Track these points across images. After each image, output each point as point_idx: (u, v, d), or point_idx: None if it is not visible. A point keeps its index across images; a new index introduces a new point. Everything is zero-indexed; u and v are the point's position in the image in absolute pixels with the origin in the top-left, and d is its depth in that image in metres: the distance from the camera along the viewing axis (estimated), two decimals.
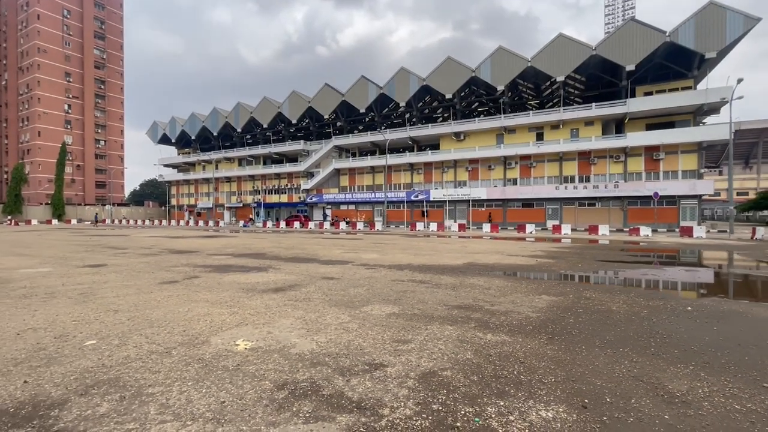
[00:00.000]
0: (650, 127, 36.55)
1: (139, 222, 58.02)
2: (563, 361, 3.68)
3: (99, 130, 78.09)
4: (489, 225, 31.80)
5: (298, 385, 3.13)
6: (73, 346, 3.98)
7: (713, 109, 34.16)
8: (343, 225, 39.14)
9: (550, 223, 38.69)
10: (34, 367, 3.44)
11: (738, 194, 71.57)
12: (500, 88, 39.72)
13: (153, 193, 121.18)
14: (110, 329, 4.58)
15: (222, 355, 3.77)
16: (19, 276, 8.47)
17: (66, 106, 72.79)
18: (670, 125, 35.76)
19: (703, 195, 34.28)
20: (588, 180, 38.01)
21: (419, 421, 2.58)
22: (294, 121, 53.89)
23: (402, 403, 2.83)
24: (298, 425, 2.53)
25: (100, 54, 77.92)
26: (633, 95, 36.90)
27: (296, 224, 40.56)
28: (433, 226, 33.73)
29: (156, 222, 57.71)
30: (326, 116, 50.87)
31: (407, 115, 55.26)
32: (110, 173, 78.16)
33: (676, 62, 34.88)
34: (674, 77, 36.03)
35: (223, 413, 2.67)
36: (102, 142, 78.95)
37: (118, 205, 72.14)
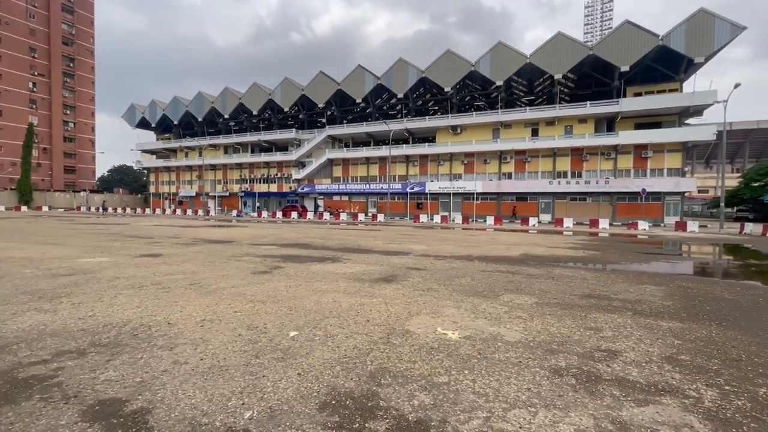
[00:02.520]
0: (639, 126, 38.30)
1: (119, 210, 55.05)
2: None
3: (68, 111, 72.90)
4: (493, 218, 32.45)
5: (571, 371, 3.20)
6: (281, 337, 3.85)
7: (697, 111, 36.21)
8: (343, 216, 38.76)
9: (543, 217, 39.98)
10: (281, 359, 3.33)
11: (699, 191, 76.51)
12: (499, 83, 40.33)
13: (122, 180, 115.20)
14: (288, 320, 4.45)
15: (447, 344, 3.77)
16: (88, 267, 7.95)
17: (31, 84, 67.36)
18: (657, 125, 37.62)
19: (686, 192, 36.46)
20: (580, 176, 39.47)
21: (739, 402, 2.73)
22: (286, 109, 52.50)
23: (698, 385, 2.97)
24: (641, 408, 2.61)
25: (69, 29, 72.37)
26: (624, 95, 38.44)
27: (294, 214, 39.81)
28: (437, 218, 34.10)
29: (139, 210, 54.96)
30: (320, 105, 49.88)
31: (398, 107, 55.19)
32: (87, 159, 73.46)
33: (664, 65, 36.55)
34: (662, 79, 37.80)
35: (551, 400, 2.71)
36: (71, 124, 73.81)
37: (92, 192, 68.02)
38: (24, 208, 51.06)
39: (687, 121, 38.97)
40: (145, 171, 72.47)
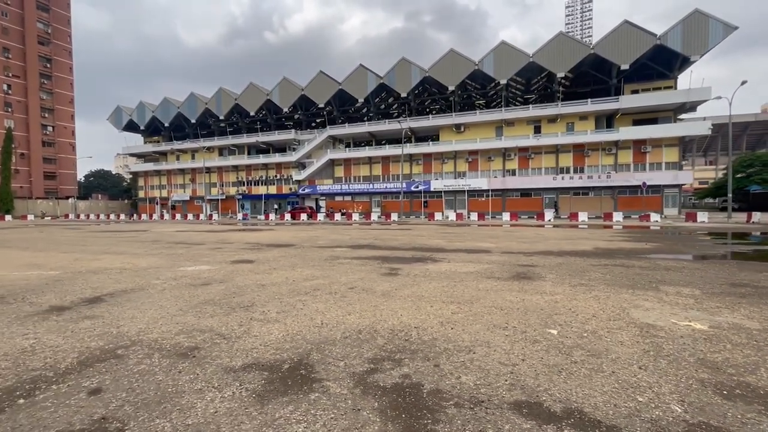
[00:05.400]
0: (636, 122, 39.85)
1: (112, 217, 52.94)
2: None
3: (46, 114, 69.44)
4: (509, 214, 32.99)
5: None
6: (550, 336, 3.91)
7: (692, 107, 37.98)
8: (355, 216, 38.63)
9: (547, 212, 40.96)
10: (592, 354, 3.39)
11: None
12: (503, 81, 41.06)
13: (101, 185, 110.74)
14: (518, 318, 4.50)
15: (713, 336, 3.92)
16: (207, 275, 7.72)
17: (5, 86, 63.79)
18: (654, 121, 39.26)
19: (683, 184, 38.19)
20: (582, 171, 40.73)
21: None
22: (286, 110, 51.76)
23: None
24: None
25: (45, 28, 68.89)
26: (621, 93, 39.89)
27: (303, 216, 39.34)
28: (452, 216, 34.48)
29: (135, 217, 52.97)
30: (321, 105, 49.45)
31: (395, 105, 55.43)
32: (68, 165, 70.12)
33: (660, 63, 38.15)
34: (657, 77, 39.45)
35: None
36: (50, 128, 70.33)
37: (78, 198, 65.11)
38: (8, 218, 48.35)
39: (679, 117, 40.83)
40: (131, 175, 69.97)
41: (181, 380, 2.99)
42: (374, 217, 37.78)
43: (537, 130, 42.42)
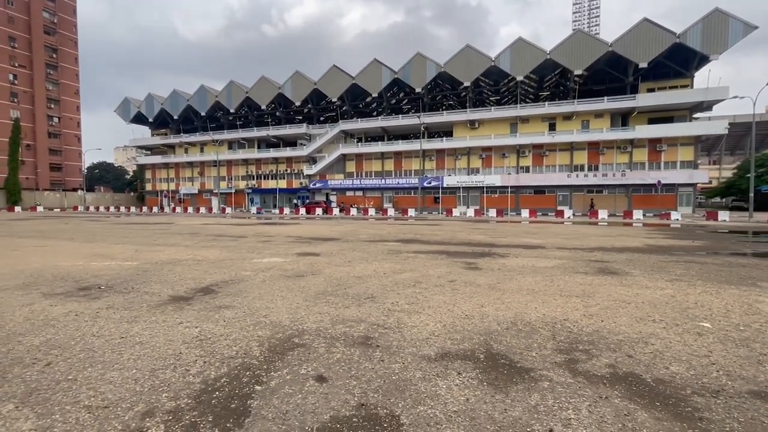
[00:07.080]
0: (652, 120, 39.83)
1: (122, 209, 52.77)
2: None
3: (52, 105, 68.79)
4: (528, 211, 33.02)
5: None
6: (705, 329, 3.95)
7: (709, 106, 37.99)
8: (371, 211, 38.62)
9: (566, 209, 41.02)
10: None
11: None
12: (519, 77, 40.96)
13: (103, 178, 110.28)
14: (653, 313, 4.54)
15: None
16: (289, 267, 7.73)
17: (11, 76, 63.12)
18: (670, 119, 39.25)
19: (698, 183, 38.29)
20: (597, 169, 40.73)
21: None
22: (298, 104, 51.47)
23: None
24: None
25: (50, 17, 68.07)
26: (637, 91, 39.83)
27: (318, 211, 39.30)
28: (470, 212, 34.55)
29: (145, 209, 52.72)
30: (335, 99, 49.21)
31: (405, 101, 55.21)
32: (74, 156, 69.71)
33: (677, 61, 38.05)
34: (674, 75, 39.38)
35: None
36: (55, 119, 69.74)
37: (87, 191, 64.84)
38: (18, 209, 48.11)
39: (694, 116, 40.83)
40: (138, 168, 69.65)
41: (393, 368, 3.02)
42: (390, 212, 37.71)
43: (552, 127, 42.36)
